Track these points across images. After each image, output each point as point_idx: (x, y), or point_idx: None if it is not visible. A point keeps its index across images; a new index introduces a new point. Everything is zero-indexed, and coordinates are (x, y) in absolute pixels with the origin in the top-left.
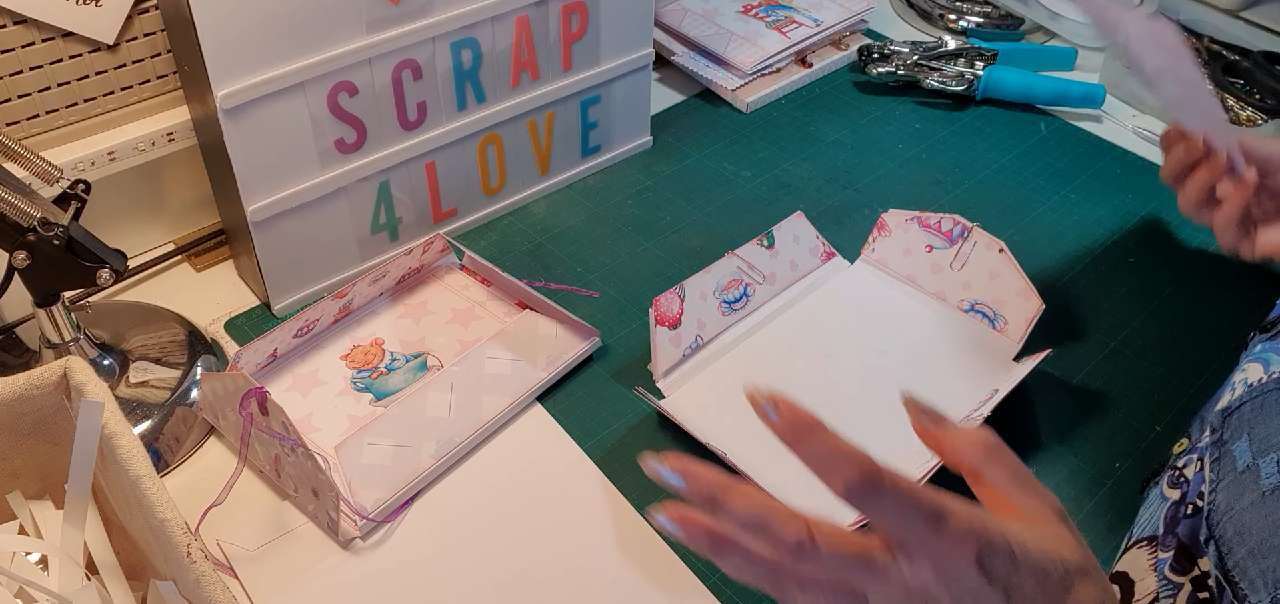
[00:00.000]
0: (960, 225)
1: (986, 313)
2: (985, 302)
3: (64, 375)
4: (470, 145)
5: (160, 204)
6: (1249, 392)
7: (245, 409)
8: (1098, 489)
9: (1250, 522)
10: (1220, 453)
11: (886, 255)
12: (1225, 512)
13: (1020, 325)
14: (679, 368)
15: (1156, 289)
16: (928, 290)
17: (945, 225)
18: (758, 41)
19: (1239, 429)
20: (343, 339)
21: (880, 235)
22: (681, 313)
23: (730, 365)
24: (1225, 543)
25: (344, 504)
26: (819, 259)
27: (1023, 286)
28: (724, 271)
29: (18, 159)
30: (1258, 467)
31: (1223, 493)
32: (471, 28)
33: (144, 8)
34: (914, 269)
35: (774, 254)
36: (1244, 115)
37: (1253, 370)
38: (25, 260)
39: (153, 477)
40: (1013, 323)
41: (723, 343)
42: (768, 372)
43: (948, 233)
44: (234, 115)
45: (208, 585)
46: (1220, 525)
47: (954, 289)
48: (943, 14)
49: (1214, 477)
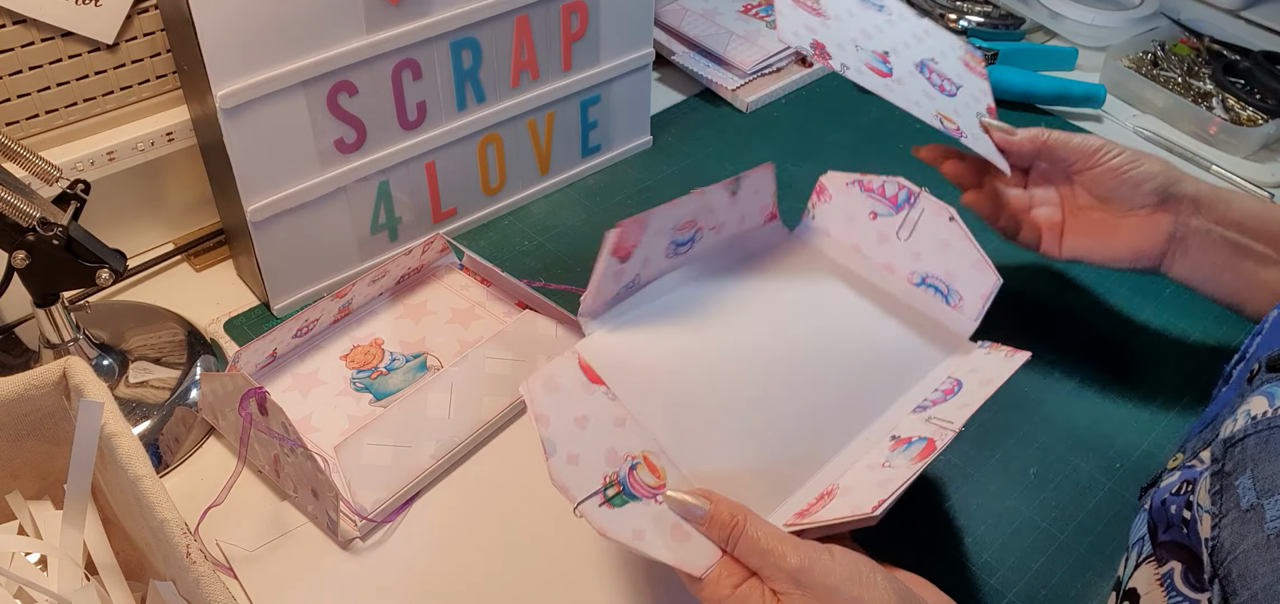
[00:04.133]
0: (906, 190)
1: (939, 287)
2: (937, 274)
3: (63, 375)
4: (470, 145)
5: (160, 204)
6: (1252, 424)
7: (245, 409)
8: (1099, 490)
9: (1255, 565)
10: (1222, 485)
11: (828, 223)
12: (1229, 552)
13: (976, 301)
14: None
15: (1156, 289)
16: (875, 261)
17: (889, 189)
18: (758, 41)
19: (1243, 463)
20: (342, 339)
21: (820, 200)
22: (635, 246)
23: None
24: (1230, 583)
25: (343, 504)
26: (762, 218)
27: (977, 258)
28: (685, 210)
29: (17, 159)
30: (1262, 507)
31: (1227, 531)
32: (471, 28)
33: (143, 7)
34: (858, 237)
35: (733, 202)
36: (1244, 115)
37: (1257, 403)
38: (25, 260)
39: (152, 477)
40: (968, 298)
41: (658, 289)
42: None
43: (892, 198)
44: (233, 115)
45: (207, 586)
46: (1224, 565)
47: (903, 260)
48: (943, 14)
49: (1217, 510)
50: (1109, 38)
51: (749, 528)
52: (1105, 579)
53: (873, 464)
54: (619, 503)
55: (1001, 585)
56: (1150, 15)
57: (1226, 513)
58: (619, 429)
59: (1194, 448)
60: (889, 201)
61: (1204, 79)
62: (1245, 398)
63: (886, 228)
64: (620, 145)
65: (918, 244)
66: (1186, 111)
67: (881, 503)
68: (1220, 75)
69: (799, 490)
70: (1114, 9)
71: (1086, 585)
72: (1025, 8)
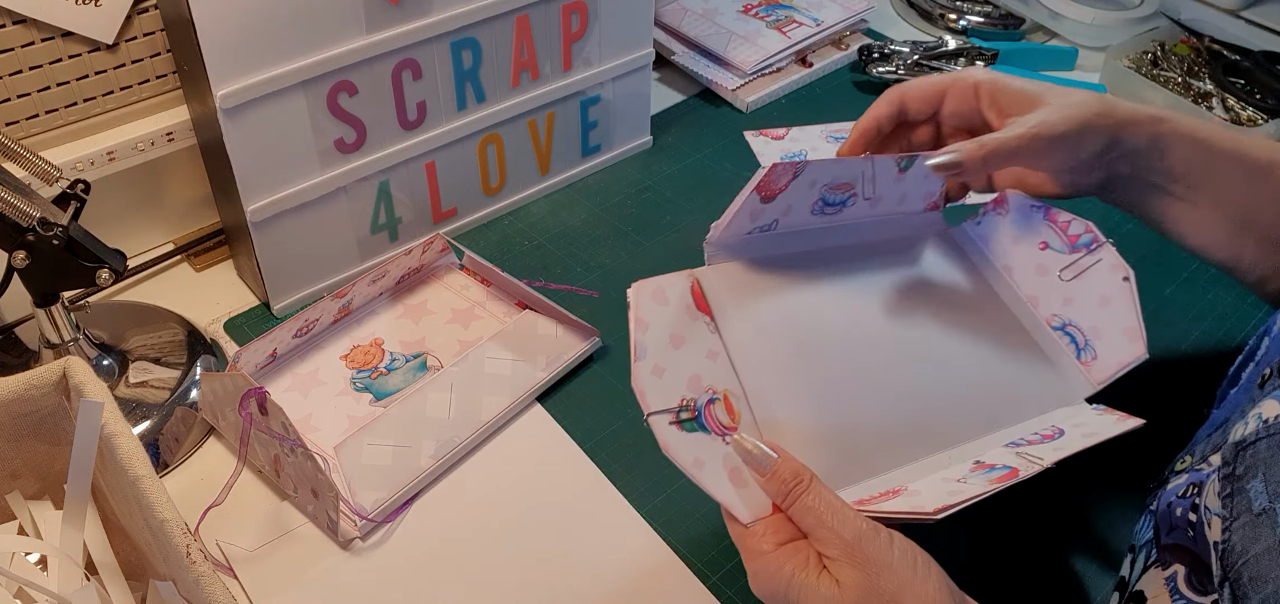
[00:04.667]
0: (1091, 235)
1: (1076, 338)
2: (1080, 325)
3: (63, 375)
4: (470, 145)
5: (160, 204)
6: (1263, 428)
7: (245, 409)
8: (1097, 495)
9: (1266, 568)
10: (1233, 489)
11: (991, 234)
12: (1241, 556)
13: (1109, 366)
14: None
15: (1157, 289)
16: (1021, 290)
17: (1075, 228)
18: (758, 41)
19: (1254, 467)
20: (342, 339)
21: (994, 210)
22: (782, 191)
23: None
24: (1241, 587)
25: (344, 504)
26: (924, 205)
27: (1133, 327)
28: (847, 170)
29: (17, 159)
30: (1274, 512)
31: (1238, 534)
32: (471, 28)
33: (143, 7)
34: (1015, 261)
35: (899, 180)
36: (1244, 115)
37: (1269, 407)
38: (25, 260)
39: (152, 477)
40: (1102, 360)
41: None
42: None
43: (1073, 237)
44: (234, 115)
45: (207, 586)
46: (1235, 569)
47: (1051, 299)
48: (943, 14)
49: (1228, 514)
50: (1109, 38)
51: (812, 490)
52: (1105, 579)
53: (948, 478)
54: (689, 428)
55: (1001, 585)
56: (1150, 15)
57: (1237, 516)
58: (710, 361)
59: (1202, 451)
60: (1068, 239)
61: (1204, 79)
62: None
63: (1051, 263)
64: (620, 145)
65: (1077, 290)
66: (1186, 111)
67: (946, 508)
68: (1220, 75)
69: (867, 481)
70: (1114, 9)
71: (1087, 586)
72: (1025, 8)
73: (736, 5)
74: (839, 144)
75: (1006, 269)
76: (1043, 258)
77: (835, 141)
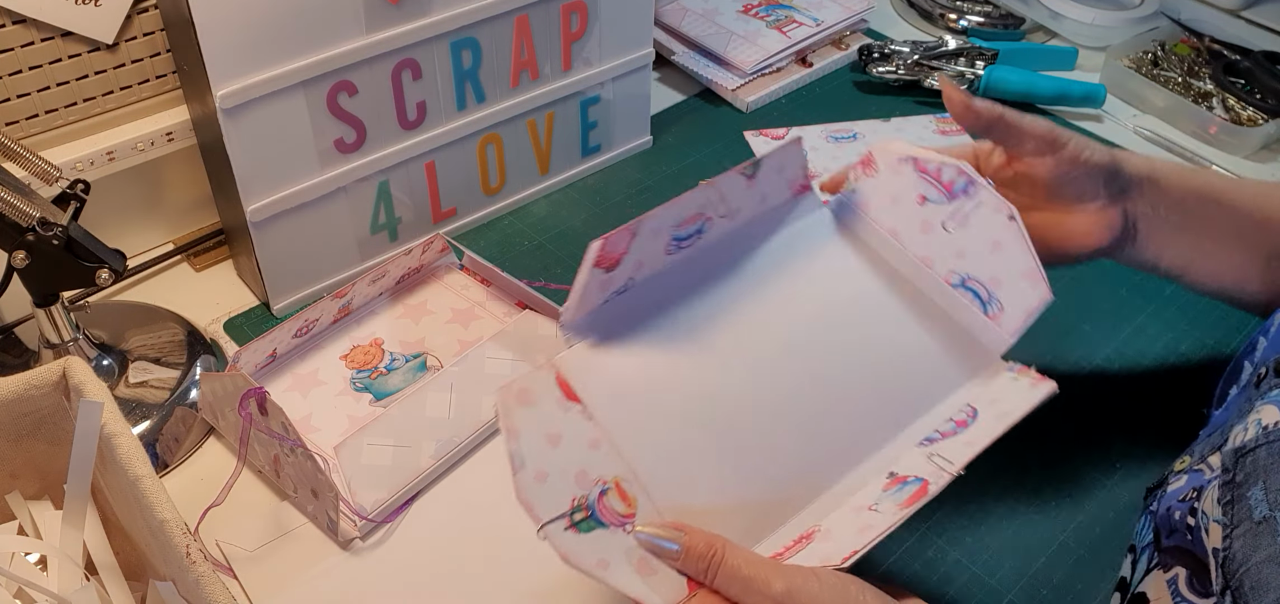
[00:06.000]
0: (966, 178)
1: (979, 292)
2: (979, 277)
3: (63, 375)
4: (470, 145)
5: (159, 204)
6: (1263, 434)
7: (244, 409)
8: (1097, 496)
9: (1268, 576)
10: (1234, 495)
11: (868, 200)
12: (1242, 564)
13: (1017, 316)
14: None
15: (1157, 289)
16: (912, 252)
17: (947, 174)
18: (758, 41)
19: (1254, 474)
20: (342, 339)
21: (864, 173)
22: (626, 253)
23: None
24: (1242, 596)
25: (343, 504)
26: (791, 191)
27: (1030, 267)
28: (688, 206)
29: (17, 159)
30: (1275, 520)
31: (1239, 542)
32: (471, 28)
33: (143, 7)
34: (899, 223)
35: (752, 186)
36: (1244, 115)
37: (1268, 412)
38: (24, 260)
39: (152, 477)
40: (1009, 310)
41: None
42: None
43: (948, 184)
44: (233, 115)
45: (207, 586)
46: (1236, 576)
47: (944, 255)
48: (943, 13)
49: (1228, 521)
50: (1109, 38)
51: (728, 557)
52: (1105, 579)
53: (860, 506)
54: (586, 528)
55: (1001, 586)
56: (1150, 15)
57: (1238, 524)
58: (593, 451)
59: (1202, 452)
60: (944, 187)
61: (1204, 79)
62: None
63: (933, 216)
64: (620, 145)
65: (965, 240)
66: (1187, 111)
67: (853, 554)
68: (1220, 75)
69: (778, 531)
70: (1114, 9)
71: (1087, 585)
72: (1025, 8)
73: (736, 5)
74: (840, 143)
75: (893, 233)
76: (924, 213)
77: (836, 141)
